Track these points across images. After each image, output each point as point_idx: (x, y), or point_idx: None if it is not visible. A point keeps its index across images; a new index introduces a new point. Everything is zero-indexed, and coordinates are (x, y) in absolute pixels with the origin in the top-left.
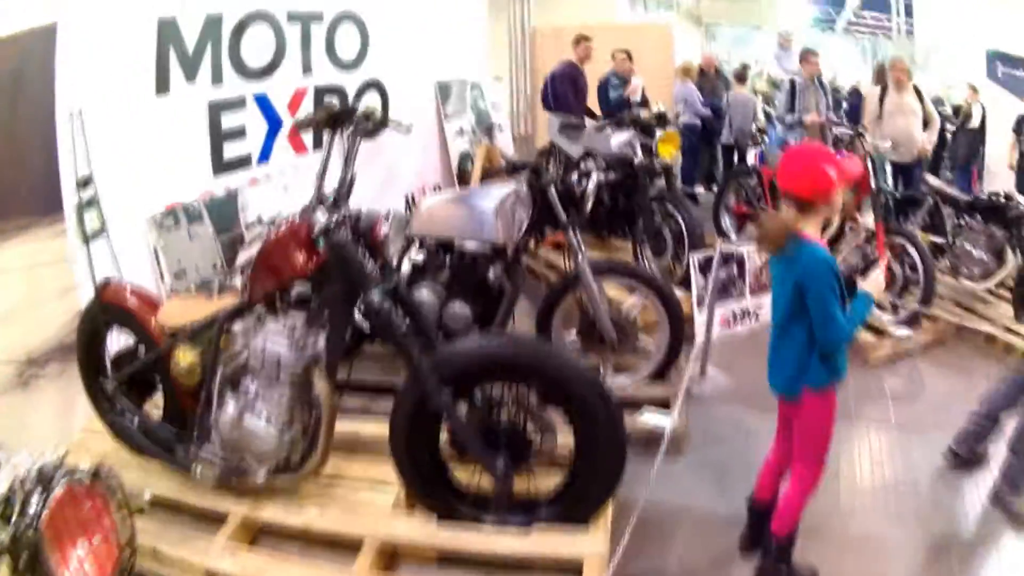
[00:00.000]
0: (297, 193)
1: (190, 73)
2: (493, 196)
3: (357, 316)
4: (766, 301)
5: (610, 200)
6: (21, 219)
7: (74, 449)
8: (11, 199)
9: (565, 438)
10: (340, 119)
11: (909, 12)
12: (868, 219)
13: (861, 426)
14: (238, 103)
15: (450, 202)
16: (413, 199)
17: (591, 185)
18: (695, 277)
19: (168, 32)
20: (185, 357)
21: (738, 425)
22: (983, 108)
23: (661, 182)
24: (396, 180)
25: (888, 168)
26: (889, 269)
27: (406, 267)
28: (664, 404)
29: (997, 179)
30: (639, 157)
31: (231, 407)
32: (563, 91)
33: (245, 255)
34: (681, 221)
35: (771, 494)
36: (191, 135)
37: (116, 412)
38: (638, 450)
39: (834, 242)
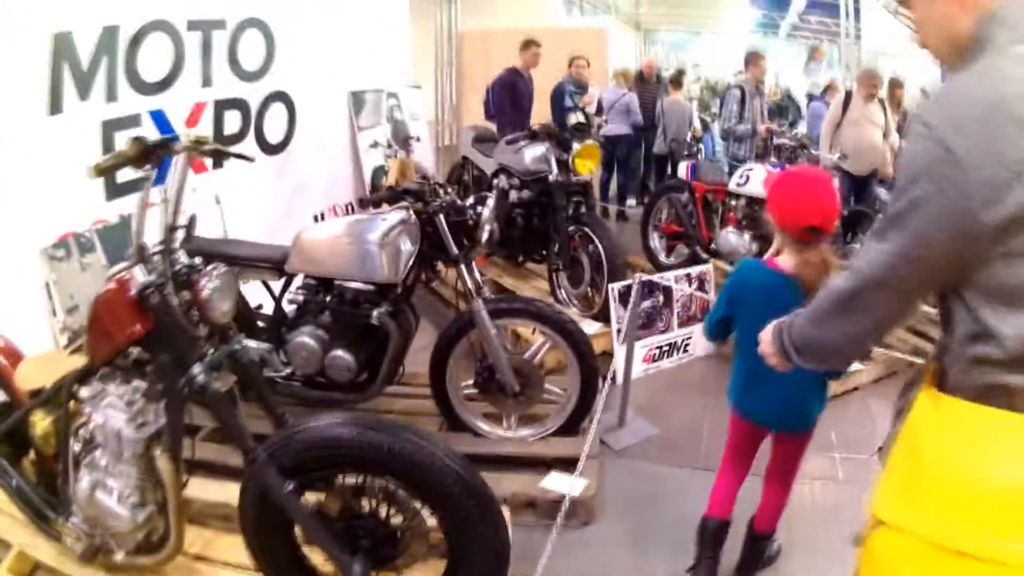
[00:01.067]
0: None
1: (84, 90)
2: (377, 228)
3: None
4: (696, 331)
5: (523, 221)
6: None
7: None
8: None
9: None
10: (154, 153)
11: (858, 16)
12: None
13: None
14: (132, 120)
15: (328, 235)
16: (323, 218)
17: (487, 212)
18: (614, 309)
19: (63, 47)
20: (41, 423)
21: (663, 480)
22: None
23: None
24: (303, 199)
25: (835, 181)
26: None
27: (288, 307)
28: (575, 462)
29: None
30: (554, 173)
31: (84, 481)
32: (500, 100)
33: None
34: (600, 246)
35: (727, 514)
36: (84, 157)
37: None
38: (543, 520)
39: None
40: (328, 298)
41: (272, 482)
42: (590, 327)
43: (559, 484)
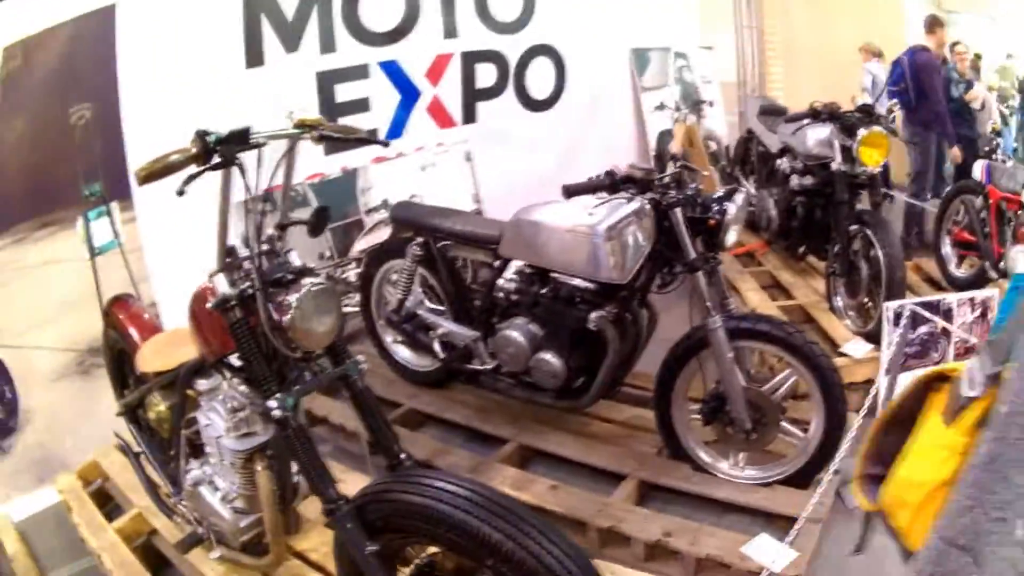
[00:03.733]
0: (440, 174)
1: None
2: (604, 217)
3: None
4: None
5: (804, 211)
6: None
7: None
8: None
9: None
10: (230, 148)
11: None
12: None
13: None
14: (357, 72)
15: (548, 218)
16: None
17: (733, 209)
18: (887, 333)
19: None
20: (156, 407)
21: (895, 560)
22: None
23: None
24: (574, 162)
25: None
26: None
27: (501, 294)
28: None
29: None
30: (838, 161)
31: (192, 474)
32: (931, 84)
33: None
34: (880, 253)
35: None
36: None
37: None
38: None
39: None
40: (544, 291)
41: (352, 539)
42: (859, 348)
43: (764, 552)
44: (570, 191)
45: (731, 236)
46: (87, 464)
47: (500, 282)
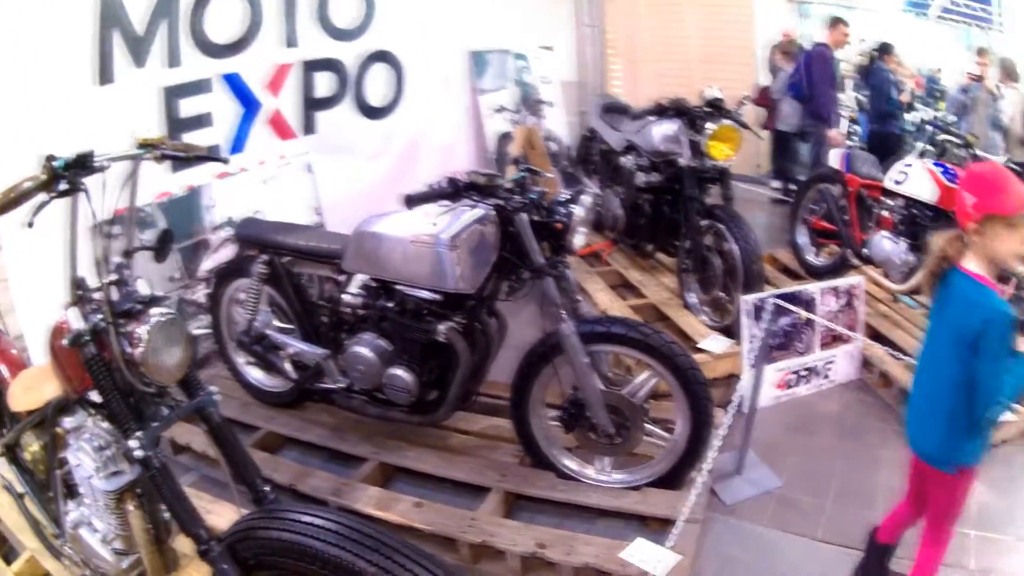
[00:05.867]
0: (283, 188)
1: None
2: (449, 224)
3: None
4: (840, 355)
5: (651, 208)
6: None
7: None
8: None
9: None
10: (75, 173)
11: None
12: None
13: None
14: (201, 86)
15: (390, 229)
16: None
17: (580, 211)
18: (746, 326)
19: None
20: (30, 447)
21: (773, 552)
22: None
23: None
24: (413, 167)
25: None
26: None
27: (348, 309)
28: (674, 522)
29: None
30: (686, 156)
31: (71, 516)
32: (822, 78)
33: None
34: (735, 247)
35: (894, 539)
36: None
37: None
38: None
39: None
40: (390, 305)
41: None
42: (718, 343)
43: (644, 557)
44: (412, 200)
45: (579, 239)
46: None
47: (346, 297)
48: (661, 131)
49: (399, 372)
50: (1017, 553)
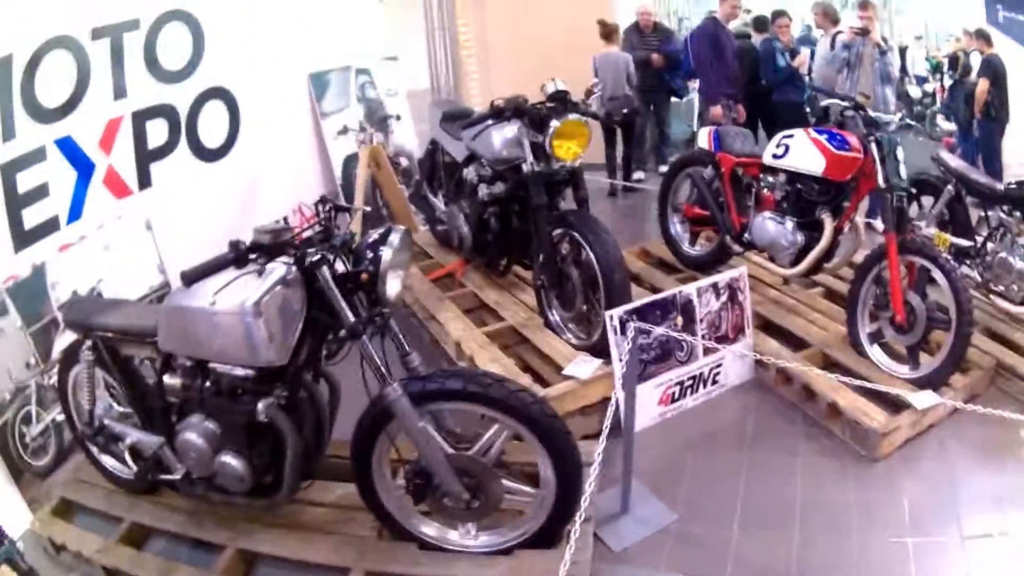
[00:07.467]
0: (124, 251)
1: None
2: (245, 293)
3: None
4: (728, 356)
5: (499, 223)
6: None
7: None
8: None
9: None
10: None
11: None
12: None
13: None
14: (36, 156)
15: (192, 302)
16: (285, 222)
17: (387, 256)
18: (615, 343)
19: None
20: None
21: None
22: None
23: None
24: (260, 206)
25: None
26: (906, 303)
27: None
28: None
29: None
30: (530, 161)
31: None
32: (700, 52)
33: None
34: (592, 255)
35: None
36: None
37: None
38: None
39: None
40: (207, 385)
41: None
42: (585, 367)
43: None
44: (189, 277)
45: (393, 285)
46: None
47: (166, 379)
48: (501, 136)
49: (228, 459)
50: (960, 554)
